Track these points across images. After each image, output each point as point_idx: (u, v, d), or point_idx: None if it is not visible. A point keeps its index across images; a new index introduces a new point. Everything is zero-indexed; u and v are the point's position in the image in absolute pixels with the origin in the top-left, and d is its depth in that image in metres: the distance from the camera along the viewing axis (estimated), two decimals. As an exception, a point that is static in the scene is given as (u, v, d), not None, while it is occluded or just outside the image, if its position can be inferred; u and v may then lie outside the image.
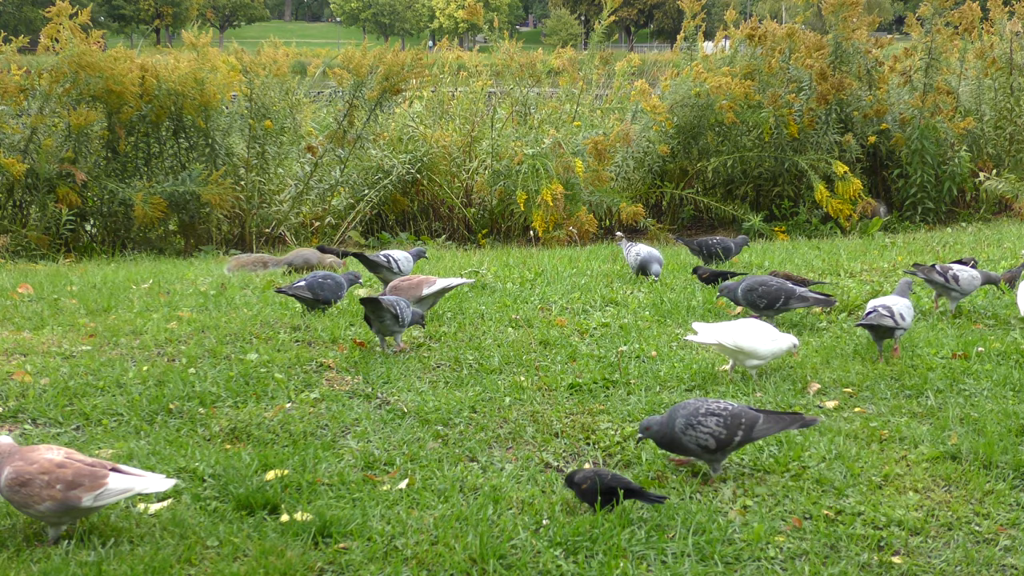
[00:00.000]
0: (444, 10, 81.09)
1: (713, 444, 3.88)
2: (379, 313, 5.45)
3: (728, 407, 3.94)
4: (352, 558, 3.37)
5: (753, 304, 5.96)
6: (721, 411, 3.90)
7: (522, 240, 11.78)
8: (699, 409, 3.91)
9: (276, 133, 11.68)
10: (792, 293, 5.86)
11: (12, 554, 3.37)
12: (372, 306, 5.39)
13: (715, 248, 7.98)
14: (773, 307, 5.89)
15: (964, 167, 12.23)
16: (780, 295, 5.85)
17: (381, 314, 5.45)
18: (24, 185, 10.65)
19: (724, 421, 3.88)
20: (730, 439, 3.88)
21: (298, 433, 4.39)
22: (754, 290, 5.91)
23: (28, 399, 4.74)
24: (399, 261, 7.10)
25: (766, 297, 5.88)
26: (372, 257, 7.15)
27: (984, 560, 3.41)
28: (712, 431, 3.86)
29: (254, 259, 8.49)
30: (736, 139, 12.76)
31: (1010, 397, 4.84)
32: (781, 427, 3.97)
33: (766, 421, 3.95)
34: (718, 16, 27.88)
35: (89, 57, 10.57)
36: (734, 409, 3.94)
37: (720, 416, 3.89)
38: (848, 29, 12.49)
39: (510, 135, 12.66)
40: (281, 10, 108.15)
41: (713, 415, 3.88)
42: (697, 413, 3.89)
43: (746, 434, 3.90)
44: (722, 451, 3.93)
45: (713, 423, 3.86)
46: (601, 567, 3.30)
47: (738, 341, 4.98)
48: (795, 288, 5.92)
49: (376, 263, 7.09)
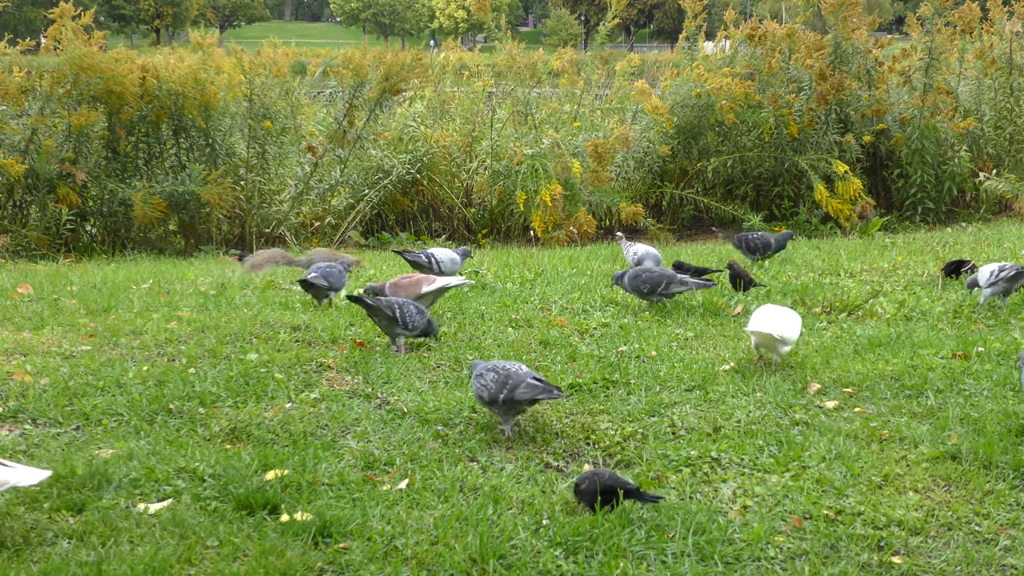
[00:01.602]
0: (444, 10, 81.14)
1: (487, 396, 4.31)
2: (373, 313, 5.44)
3: (506, 367, 4.33)
4: (352, 558, 3.37)
5: (638, 290, 6.39)
6: (500, 369, 4.33)
7: (522, 240, 11.78)
8: (487, 365, 4.40)
9: (276, 133, 11.69)
10: (673, 278, 6.36)
11: (12, 554, 3.37)
12: (362, 306, 5.39)
13: (755, 243, 8.20)
14: (655, 292, 6.38)
15: (964, 167, 12.23)
16: (662, 280, 6.34)
17: (375, 314, 5.45)
18: (24, 185, 10.64)
19: (497, 378, 4.28)
20: (497, 395, 4.27)
21: (298, 433, 4.39)
22: (638, 276, 6.37)
23: (28, 399, 4.74)
24: (442, 262, 7.17)
25: (649, 283, 6.37)
26: (412, 256, 7.27)
27: (984, 560, 3.41)
28: (486, 385, 4.30)
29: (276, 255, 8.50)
30: (736, 139, 12.77)
31: (1010, 397, 4.84)
32: (536, 393, 4.26)
33: (528, 386, 4.27)
34: (718, 16, 27.85)
35: (90, 59, 10.58)
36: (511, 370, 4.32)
37: (497, 373, 4.31)
38: (848, 29, 12.50)
39: (510, 135, 12.66)
40: (281, 10, 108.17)
41: (492, 371, 4.33)
42: (485, 368, 4.39)
43: (509, 393, 4.26)
44: (495, 404, 4.30)
45: (490, 379, 4.30)
46: (601, 567, 3.30)
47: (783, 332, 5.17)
48: (675, 274, 6.41)
49: (417, 262, 7.20)
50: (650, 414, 4.66)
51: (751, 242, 8.21)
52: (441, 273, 7.08)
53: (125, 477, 3.89)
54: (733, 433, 4.44)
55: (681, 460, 4.16)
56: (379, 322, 5.54)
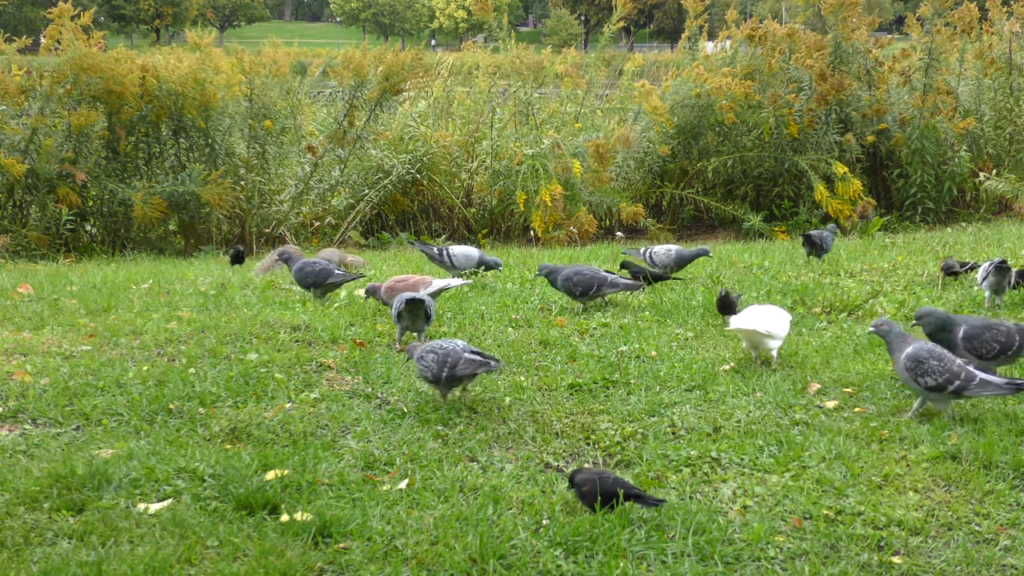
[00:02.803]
0: (444, 10, 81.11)
1: (430, 376, 4.62)
2: (416, 312, 5.55)
3: (443, 347, 4.62)
4: (352, 558, 3.37)
5: (570, 291, 6.52)
6: (438, 349, 4.62)
7: (522, 240, 11.78)
8: (426, 348, 4.67)
9: (276, 133, 11.69)
10: (604, 280, 6.48)
11: (12, 554, 3.37)
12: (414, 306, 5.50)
13: (827, 241, 8.26)
14: (588, 293, 6.49)
15: (964, 167, 12.24)
16: (593, 283, 6.46)
17: (418, 313, 5.56)
18: (24, 185, 10.65)
19: (437, 358, 4.59)
20: (440, 373, 4.57)
21: (298, 433, 4.39)
22: (570, 279, 6.50)
23: (28, 399, 4.74)
24: (455, 256, 7.36)
25: (581, 285, 6.48)
26: (425, 248, 7.54)
27: (984, 560, 3.41)
28: (428, 366, 4.60)
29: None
30: (736, 139, 12.77)
31: (1010, 397, 4.84)
32: (475, 368, 4.57)
33: (466, 362, 4.57)
34: (718, 16, 27.88)
35: (90, 59, 10.58)
36: (449, 348, 4.61)
37: (436, 353, 4.60)
38: (848, 29, 12.50)
39: (511, 135, 12.67)
40: (281, 10, 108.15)
41: (432, 352, 4.61)
42: (424, 350, 4.66)
43: (450, 371, 4.56)
44: (439, 383, 4.62)
45: (431, 359, 4.60)
46: (601, 567, 3.30)
47: (769, 327, 5.25)
48: (607, 276, 6.52)
49: (430, 255, 7.44)
50: (650, 414, 4.66)
51: (825, 240, 8.26)
52: (453, 267, 7.30)
53: (125, 477, 3.89)
54: (733, 433, 4.44)
55: (681, 460, 4.15)
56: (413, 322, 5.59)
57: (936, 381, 4.46)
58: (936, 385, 4.47)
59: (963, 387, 4.43)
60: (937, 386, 4.47)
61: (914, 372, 4.53)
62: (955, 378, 4.43)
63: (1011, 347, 4.84)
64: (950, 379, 4.43)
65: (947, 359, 4.50)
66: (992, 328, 4.89)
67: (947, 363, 4.47)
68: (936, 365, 4.47)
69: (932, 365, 4.48)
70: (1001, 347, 4.84)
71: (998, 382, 4.43)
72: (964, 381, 4.43)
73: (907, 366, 4.56)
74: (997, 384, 4.42)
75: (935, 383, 4.47)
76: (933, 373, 4.47)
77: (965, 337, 4.87)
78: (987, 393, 4.44)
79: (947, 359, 4.50)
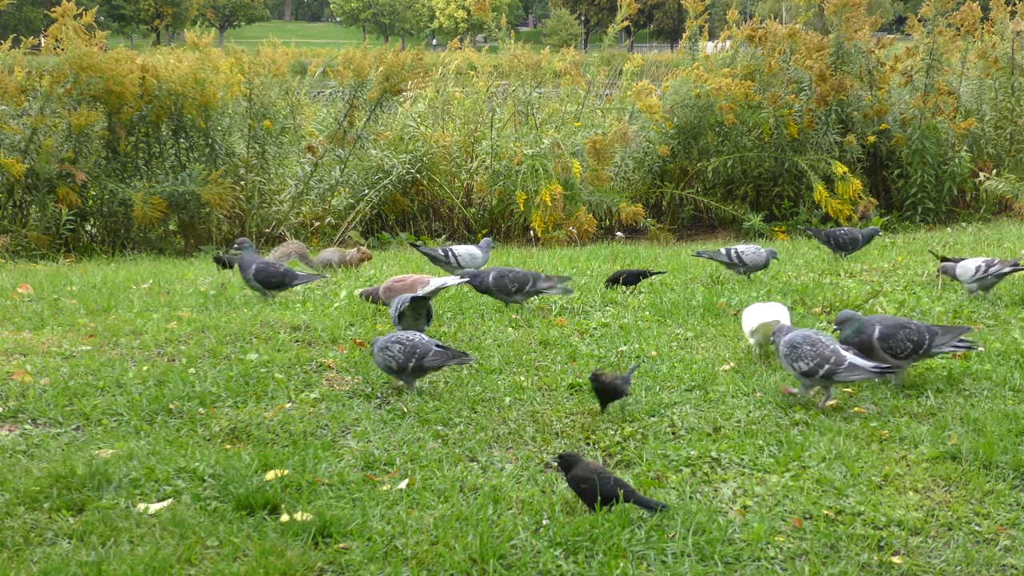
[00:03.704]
0: (444, 10, 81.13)
1: (395, 366, 4.79)
2: (419, 311, 5.57)
3: (412, 338, 4.82)
4: (352, 558, 3.37)
5: (505, 288, 6.56)
6: (404, 340, 4.81)
7: (522, 240, 11.78)
8: (389, 338, 4.86)
9: (276, 133, 11.69)
10: (538, 277, 6.62)
11: (12, 554, 3.37)
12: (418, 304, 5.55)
13: (843, 239, 8.29)
14: (523, 291, 6.58)
15: (964, 167, 12.24)
16: (528, 280, 6.57)
17: (420, 312, 5.58)
18: (24, 185, 10.65)
19: (404, 348, 4.77)
20: (407, 363, 4.77)
21: (298, 433, 4.39)
22: (505, 276, 6.58)
23: (28, 399, 4.74)
24: (460, 256, 7.35)
25: (516, 282, 6.57)
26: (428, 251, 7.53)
27: (984, 560, 3.41)
28: (394, 355, 4.77)
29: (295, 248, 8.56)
30: (736, 139, 12.77)
31: (1010, 397, 4.84)
32: (445, 359, 4.81)
33: (435, 355, 4.79)
34: (719, 16, 27.90)
35: (90, 59, 10.58)
36: (416, 340, 4.82)
37: (403, 344, 4.79)
38: (850, 30, 12.50)
39: (510, 135, 12.67)
40: (281, 10, 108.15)
41: (398, 343, 4.80)
42: (388, 340, 4.84)
43: (419, 361, 4.76)
44: (404, 372, 4.81)
45: (397, 349, 4.77)
46: (601, 567, 3.30)
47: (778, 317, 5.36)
48: (539, 275, 6.67)
49: (434, 256, 7.44)
50: (650, 414, 4.66)
51: (839, 238, 8.28)
52: (459, 267, 7.29)
53: (125, 477, 3.89)
54: (733, 433, 4.43)
55: (681, 460, 4.15)
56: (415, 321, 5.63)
57: (808, 365, 4.64)
58: (808, 369, 4.65)
59: (833, 371, 4.60)
60: (809, 370, 4.65)
61: (790, 358, 4.73)
62: (825, 362, 4.60)
63: (923, 346, 4.97)
64: (821, 363, 4.60)
65: (820, 344, 4.66)
66: (905, 328, 5.00)
67: (819, 348, 4.64)
68: (809, 350, 4.66)
69: (805, 350, 4.67)
70: (914, 346, 4.96)
71: (866, 367, 4.61)
72: (834, 365, 4.60)
73: (784, 352, 4.76)
74: (865, 368, 4.60)
75: (807, 367, 4.65)
76: (806, 358, 4.65)
77: (880, 337, 4.97)
78: (856, 377, 4.62)
79: (820, 344, 4.66)
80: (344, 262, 8.31)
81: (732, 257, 7.46)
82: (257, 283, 6.77)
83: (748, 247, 7.52)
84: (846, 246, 8.26)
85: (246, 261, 6.79)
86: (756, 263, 7.43)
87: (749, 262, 7.42)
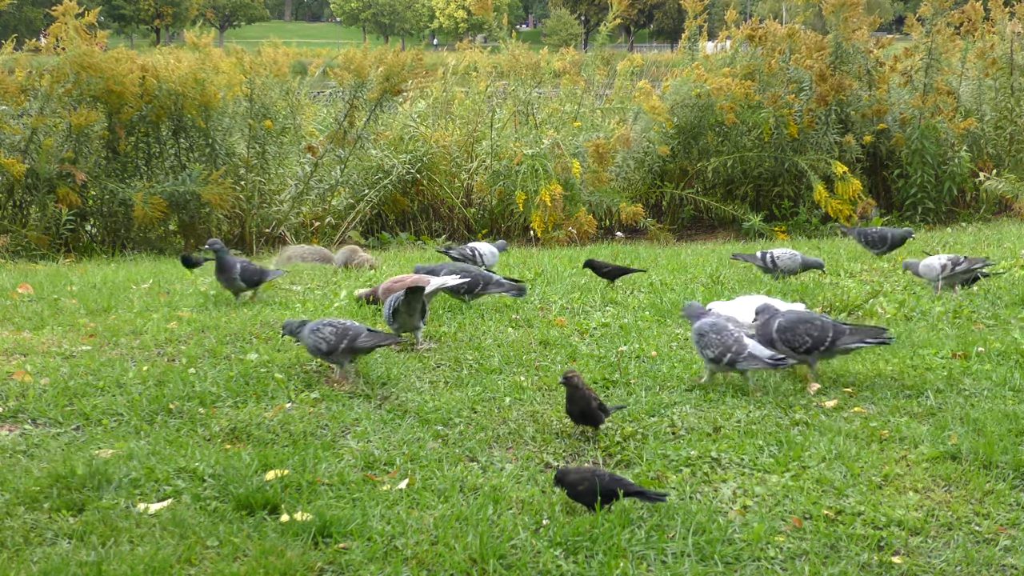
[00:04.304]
0: (444, 10, 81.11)
1: (325, 347, 4.96)
2: (414, 305, 5.60)
3: (343, 323, 5.02)
4: (352, 558, 3.37)
5: (456, 290, 6.57)
6: (336, 324, 5.00)
7: (522, 240, 11.78)
8: (320, 322, 5.03)
9: (276, 133, 11.69)
10: (489, 280, 6.64)
11: (12, 554, 3.37)
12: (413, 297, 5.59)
13: (873, 237, 8.30)
14: (472, 292, 6.62)
15: (964, 167, 12.24)
16: (479, 281, 6.58)
17: (415, 306, 5.61)
18: (24, 185, 10.65)
19: (335, 331, 4.95)
20: (337, 344, 4.94)
21: (298, 433, 4.39)
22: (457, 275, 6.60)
23: (28, 399, 4.74)
24: (485, 255, 7.60)
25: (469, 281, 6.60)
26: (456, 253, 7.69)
27: (984, 560, 3.41)
28: (325, 337, 4.95)
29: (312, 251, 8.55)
30: (736, 139, 12.78)
31: (1010, 397, 4.84)
32: (378, 341, 5.01)
33: (367, 335, 5.00)
34: (718, 16, 27.91)
35: (91, 58, 10.57)
36: (348, 324, 5.02)
37: (334, 327, 4.97)
38: (849, 30, 12.50)
39: (510, 135, 12.67)
40: (281, 10, 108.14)
41: (329, 326, 4.98)
42: (320, 324, 5.02)
43: (350, 343, 4.94)
44: (334, 354, 4.97)
45: (328, 332, 4.96)
46: (601, 567, 3.30)
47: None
48: (492, 276, 6.70)
49: (464, 259, 7.59)
50: (650, 414, 4.66)
51: (869, 237, 8.29)
52: (484, 266, 7.47)
53: (125, 477, 3.89)
54: (733, 433, 4.43)
55: (681, 460, 4.15)
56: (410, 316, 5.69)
57: (714, 353, 4.89)
58: (714, 356, 4.90)
59: (735, 360, 4.84)
60: (715, 357, 4.89)
61: (699, 344, 4.98)
62: (728, 351, 4.84)
63: (824, 342, 4.99)
64: (724, 351, 4.85)
65: (726, 333, 4.89)
66: (807, 322, 5.04)
67: (724, 336, 4.88)
68: (715, 338, 4.89)
69: (712, 338, 4.90)
70: (814, 341, 5.00)
71: (763, 356, 4.82)
72: (735, 354, 4.83)
73: (695, 339, 5.02)
74: (762, 359, 4.81)
75: (713, 355, 4.90)
76: (712, 346, 4.89)
77: (779, 330, 5.06)
78: (755, 366, 4.85)
79: (726, 333, 4.89)
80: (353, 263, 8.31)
81: (767, 261, 7.45)
82: (243, 282, 6.79)
83: (783, 251, 7.49)
84: (876, 244, 8.27)
85: (230, 262, 6.75)
86: (789, 267, 7.38)
87: (782, 266, 7.38)
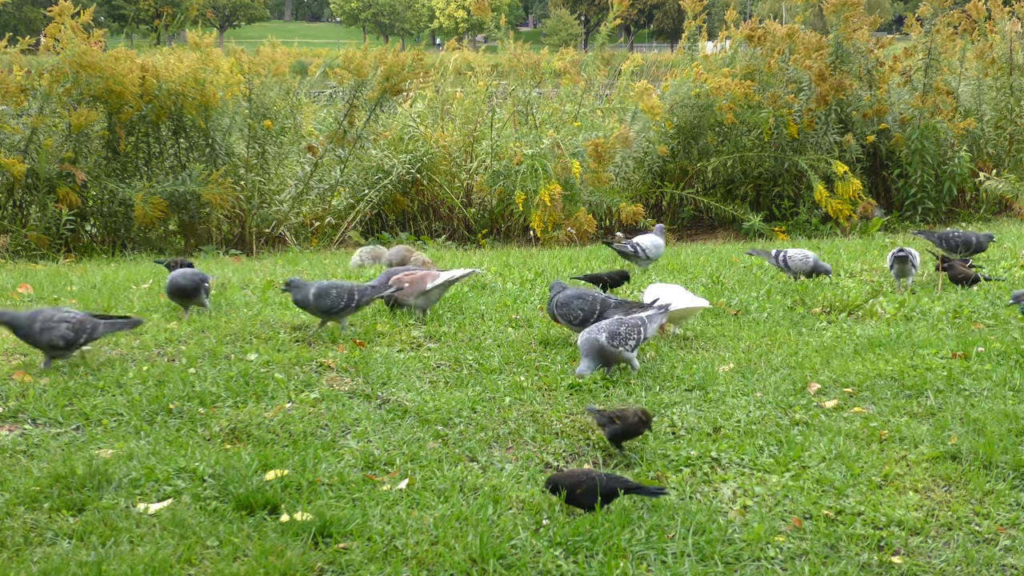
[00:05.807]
0: (444, 10, 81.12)
1: (62, 343, 5.06)
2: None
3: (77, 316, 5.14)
4: (352, 558, 3.37)
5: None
6: (70, 319, 5.10)
7: (522, 240, 11.78)
8: (53, 316, 5.08)
9: (276, 133, 11.68)
10: (365, 290, 6.65)
11: (12, 554, 3.37)
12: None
13: (955, 240, 8.27)
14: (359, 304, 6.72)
15: (964, 167, 12.24)
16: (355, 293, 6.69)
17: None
18: (24, 185, 10.64)
19: (71, 326, 5.07)
20: (76, 340, 5.10)
21: (298, 433, 4.39)
22: (328, 292, 6.46)
23: (28, 399, 4.74)
24: (647, 249, 7.84)
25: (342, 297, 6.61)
26: (619, 247, 8.01)
27: (984, 560, 3.41)
28: (63, 335, 5.04)
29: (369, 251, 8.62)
30: (736, 139, 12.77)
31: (1010, 397, 4.85)
32: (116, 328, 5.33)
33: (105, 326, 5.27)
34: (718, 16, 27.94)
35: (90, 57, 10.57)
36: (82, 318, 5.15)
37: (69, 322, 5.07)
38: (849, 29, 12.50)
39: (510, 135, 12.67)
40: (281, 10, 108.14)
41: (65, 321, 5.07)
42: (51, 319, 5.06)
43: (89, 336, 5.14)
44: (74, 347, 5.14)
45: (64, 328, 5.05)
46: (601, 567, 3.30)
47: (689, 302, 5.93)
48: (366, 286, 6.61)
49: (623, 252, 7.94)
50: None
51: (951, 239, 8.28)
52: (647, 260, 7.77)
53: (125, 477, 3.89)
54: (733, 433, 4.44)
55: (681, 460, 4.16)
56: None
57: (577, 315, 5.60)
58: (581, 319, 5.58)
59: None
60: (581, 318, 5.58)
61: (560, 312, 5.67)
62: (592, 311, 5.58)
63: (593, 314, 5.56)
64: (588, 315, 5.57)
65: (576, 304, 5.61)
66: (580, 297, 5.65)
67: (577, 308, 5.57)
68: (576, 305, 5.58)
69: (574, 305, 5.60)
70: (585, 314, 5.58)
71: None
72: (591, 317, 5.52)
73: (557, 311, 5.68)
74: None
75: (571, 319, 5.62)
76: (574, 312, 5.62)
77: (557, 305, 5.68)
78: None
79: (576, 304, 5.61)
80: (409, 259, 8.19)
81: (779, 260, 7.51)
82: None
83: (797, 252, 7.53)
84: (958, 247, 8.17)
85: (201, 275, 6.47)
86: (800, 268, 7.42)
87: (793, 267, 7.43)
